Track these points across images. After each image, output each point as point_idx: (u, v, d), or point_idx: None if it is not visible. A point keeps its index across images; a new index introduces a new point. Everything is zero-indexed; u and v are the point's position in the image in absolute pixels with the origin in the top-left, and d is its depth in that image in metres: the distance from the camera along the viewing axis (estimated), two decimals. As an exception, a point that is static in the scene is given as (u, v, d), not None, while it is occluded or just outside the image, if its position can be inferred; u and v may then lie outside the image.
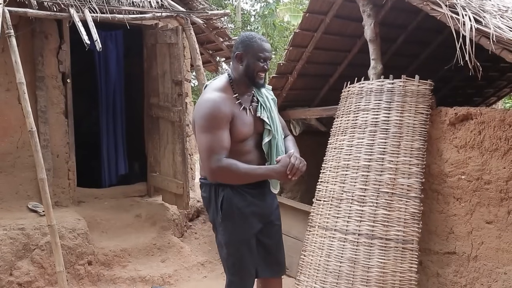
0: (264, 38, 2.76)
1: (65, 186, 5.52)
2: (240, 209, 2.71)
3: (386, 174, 4.05)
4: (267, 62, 2.69)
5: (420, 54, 5.93)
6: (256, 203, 2.79)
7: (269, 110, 2.79)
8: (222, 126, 2.49)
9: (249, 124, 2.67)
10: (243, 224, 2.73)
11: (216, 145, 2.45)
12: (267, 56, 2.66)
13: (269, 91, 2.95)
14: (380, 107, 4.24)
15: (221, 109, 2.51)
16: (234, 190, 2.68)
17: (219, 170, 2.46)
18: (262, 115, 2.74)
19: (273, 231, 2.95)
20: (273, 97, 2.93)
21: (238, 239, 2.75)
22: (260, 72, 2.68)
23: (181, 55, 5.49)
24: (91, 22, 4.77)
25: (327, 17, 4.83)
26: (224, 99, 2.58)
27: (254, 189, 2.76)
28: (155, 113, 5.98)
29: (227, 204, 2.68)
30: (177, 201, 5.73)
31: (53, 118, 5.45)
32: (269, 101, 2.85)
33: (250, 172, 2.53)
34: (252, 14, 15.50)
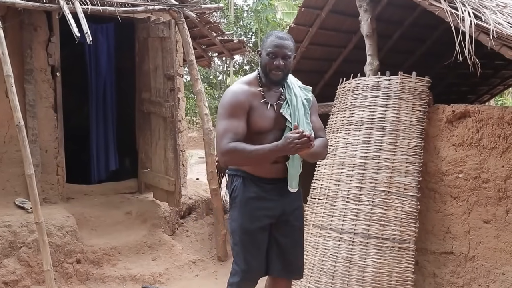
0: (282, 34, 2.68)
1: (54, 182, 5.39)
2: (247, 200, 2.72)
3: (383, 172, 3.99)
4: (279, 59, 2.60)
5: (415, 50, 5.88)
6: (267, 198, 2.73)
7: (294, 109, 2.72)
8: (237, 115, 2.54)
9: (268, 118, 2.65)
10: (248, 215, 2.73)
11: (229, 130, 2.51)
12: (276, 52, 2.59)
13: (305, 91, 2.87)
14: (377, 104, 4.18)
15: (238, 98, 2.58)
16: (247, 181, 2.71)
17: (227, 151, 2.50)
18: (284, 111, 2.70)
19: (290, 230, 2.85)
20: (307, 97, 2.84)
21: (242, 229, 2.75)
22: (272, 69, 2.62)
23: (173, 49, 5.38)
24: (81, 14, 4.64)
25: (323, 12, 4.75)
26: (244, 91, 2.64)
27: (268, 184, 2.72)
28: (147, 108, 5.86)
29: (237, 193, 2.74)
30: (168, 198, 5.63)
31: (42, 113, 5.31)
32: (298, 100, 2.76)
33: (256, 151, 2.49)
34: (245, 9, 15.39)
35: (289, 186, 2.76)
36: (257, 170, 2.71)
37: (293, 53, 2.69)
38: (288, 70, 2.69)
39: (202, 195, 6.53)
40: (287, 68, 2.66)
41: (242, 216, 2.75)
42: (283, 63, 2.62)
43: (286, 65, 2.64)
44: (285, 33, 2.79)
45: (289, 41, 2.67)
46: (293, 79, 2.87)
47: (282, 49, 2.61)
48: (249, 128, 2.61)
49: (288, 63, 2.65)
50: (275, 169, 2.71)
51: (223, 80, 17.03)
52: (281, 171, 2.73)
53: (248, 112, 2.61)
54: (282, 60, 2.61)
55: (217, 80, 16.98)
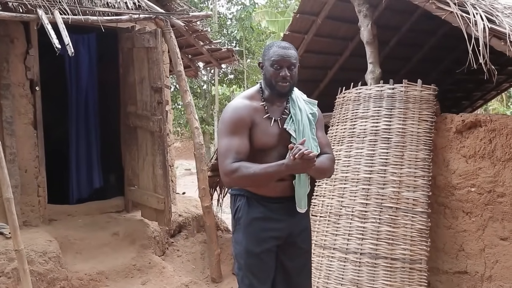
0: (284, 44, 2.52)
1: (35, 203, 5.04)
2: (252, 221, 2.55)
3: (389, 187, 3.75)
4: (285, 69, 2.43)
5: (412, 57, 5.68)
6: (274, 218, 2.56)
7: (299, 124, 2.55)
8: (239, 132, 2.42)
9: (271, 135, 2.50)
10: (253, 237, 2.56)
11: (231, 149, 2.39)
12: (281, 62, 2.43)
13: (311, 105, 2.68)
14: (380, 114, 3.95)
15: (239, 114, 2.46)
16: (252, 201, 2.55)
17: (230, 172, 2.37)
18: (288, 127, 2.53)
19: (296, 253, 2.66)
20: (313, 111, 2.65)
21: (247, 252, 2.57)
22: (279, 80, 2.45)
23: (160, 59, 5.09)
24: (62, 25, 4.34)
25: (319, 18, 4.53)
26: (246, 106, 2.50)
27: (274, 203, 2.56)
28: (133, 122, 5.55)
29: (240, 214, 2.58)
30: (158, 217, 5.31)
31: (21, 130, 4.97)
32: (303, 115, 2.57)
33: (260, 171, 2.35)
34: (228, 18, 15.16)
35: (298, 206, 2.57)
36: (261, 189, 2.53)
37: (297, 63, 2.52)
38: (295, 80, 2.51)
39: (193, 212, 6.23)
40: (293, 79, 2.49)
41: (246, 238, 2.56)
42: (289, 74, 2.46)
43: (292, 75, 2.48)
44: (287, 42, 2.61)
45: (292, 50, 2.51)
46: (297, 92, 2.68)
47: (287, 58, 2.44)
48: (252, 145, 2.46)
49: (294, 73, 2.49)
50: (281, 187, 2.54)
51: (207, 90, 16.74)
52: (288, 189, 2.55)
53: (250, 128, 2.47)
54: (288, 70, 2.45)
55: (201, 89, 16.69)
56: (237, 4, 14.04)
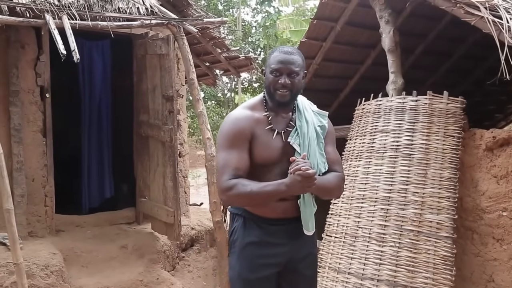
0: (288, 49, 2.29)
1: (41, 214, 4.88)
2: (247, 245, 2.33)
3: (410, 208, 3.45)
4: (284, 76, 2.21)
5: (439, 66, 5.34)
6: (271, 242, 2.32)
7: (304, 137, 2.30)
8: (237, 145, 2.22)
9: (274, 148, 2.28)
10: (248, 264, 2.33)
11: (228, 164, 2.20)
12: (280, 68, 2.22)
13: (320, 116, 2.44)
14: (402, 128, 3.65)
15: (239, 126, 2.26)
16: (249, 221, 2.33)
17: (226, 189, 2.17)
18: (292, 140, 2.29)
19: (299, 281, 2.40)
20: (322, 123, 2.40)
21: (241, 280, 2.36)
22: (278, 88, 2.23)
23: (172, 67, 4.89)
24: (69, 30, 4.17)
25: (338, 24, 4.26)
26: (247, 116, 2.30)
27: (274, 225, 2.31)
28: (145, 131, 5.36)
29: (236, 237, 2.37)
30: (167, 231, 5.09)
31: (29, 138, 4.82)
32: (310, 127, 2.33)
33: (258, 189, 2.14)
34: (253, 25, 14.97)
35: (305, 228, 2.31)
36: (260, 209, 2.30)
37: (302, 70, 2.28)
38: (297, 89, 2.27)
39: (206, 225, 6.00)
40: (295, 87, 2.25)
41: (240, 264, 2.35)
42: (290, 81, 2.22)
43: (293, 83, 2.24)
44: (293, 47, 2.38)
45: (296, 55, 2.27)
46: (305, 102, 2.44)
47: (288, 65, 2.22)
48: (252, 159, 2.25)
49: (296, 81, 2.25)
50: (282, 207, 2.29)
51: (231, 98, 16.57)
52: (291, 210, 2.30)
53: (250, 141, 2.25)
54: (288, 77, 2.22)
55: (225, 97, 16.53)
56: (261, 12, 13.85)
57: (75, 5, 4.44)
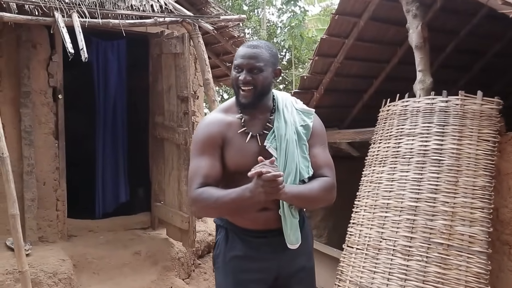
0: (255, 42, 2.07)
1: (53, 218, 4.75)
2: (230, 260, 2.12)
3: (440, 219, 3.13)
4: (245, 72, 1.99)
5: (472, 65, 4.98)
6: (255, 257, 2.10)
7: (281, 140, 2.04)
8: (207, 152, 2.03)
9: (248, 153, 2.03)
10: (232, 281, 2.13)
11: (197, 172, 2.01)
12: (241, 63, 2.00)
13: (304, 114, 2.17)
14: (431, 131, 3.34)
15: (208, 132, 2.07)
16: (231, 234, 2.13)
17: (193, 200, 1.99)
18: (268, 144, 2.04)
19: None
20: (305, 123, 2.13)
21: None
22: (240, 86, 2.01)
23: (187, 66, 4.69)
24: (78, 28, 4.03)
25: (361, 20, 3.97)
26: (218, 120, 2.10)
27: (257, 238, 2.09)
28: (160, 133, 5.19)
29: (218, 251, 2.17)
30: (182, 237, 4.90)
31: (40, 140, 4.70)
32: (288, 128, 2.07)
33: (223, 197, 1.92)
34: (278, 26, 14.72)
35: (287, 241, 2.06)
36: (240, 219, 2.10)
37: (269, 66, 2.02)
38: (263, 87, 2.02)
39: (224, 231, 5.77)
40: (259, 85, 2.00)
41: (225, 281, 2.14)
42: (250, 78, 1.99)
43: (256, 80, 1.99)
44: (264, 41, 2.14)
45: (261, 49, 2.03)
46: (287, 100, 2.18)
47: (249, 59, 1.99)
48: (226, 166, 2.05)
49: (259, 77, 2.00)
50: (264, 218, 2.06)
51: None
52: (273, 221, 2.06)
53: (222, 146, 2.05)
54: (248, 73, 1.99)
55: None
56: (287, 11, 13.59)
57: (85, 2, 4.31)
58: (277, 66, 2.08)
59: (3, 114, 4.42)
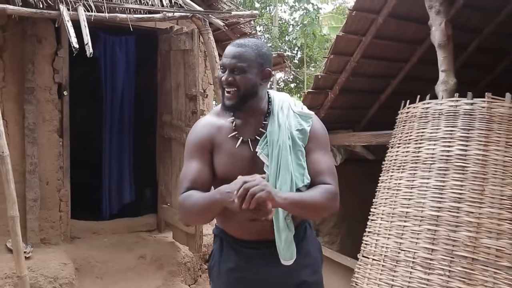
0: (241, 41, 1.92)
1: (55, 219, 4.60)
2: (225, 273, 1.99)
3: (464, 231, 2.92)
4: (227, 72, 1.85)
5: (495, 65, 4.74)
6: (248, 268, 1.95)
7: (273, 145, 1.89)
8: (196, 156, 1.94)
9: (238, 160, 1.91)
10: None
11: (185, 177, 1.94)
12: (223, 63, 1.87)
13: (302, 118, 1.98)
14: (454, 136, 3.12)
15: (197, 135, 1.98)
16: (226, 244, 2.02)
17: (179, 205, 1.91)
18: (260, 150, 1.90)
19: None
20: (302, 127, 1.94)
21: None
22: (224, 86, 1.87)
23: (196, 64, 4.52)
24: (84, 22, 3.87)
25: (380, 17, 3.75)
26: (208, 124, 2.00)
27: (250, 249, 1.95)
28: (167, 133, 5.02)
29: (213, 262, 2.07)
30: (188, 241, 4.73)
31: (44, 138, 4.56)
32: (282, 133, 1.90)
33: (201, 200, 1.81)
34: (290, 24, 14.50)
35: (280, 256, 1.89)
36: (233, 229, 1.97)
37: (253, 67, 1.86)
38: (245, 89, 1.85)
39: (232, 234, 5.58)
40: (242, 87, 1.85)
41: None
42: (232, 78, 1.84)
43: (238, 81, 1.84)
44: (253, 39, 1.97)
45: (246, 48, 1.86)
46: (285, 102, 2.00)
47: (231, 59, 1.84)
48: (215, 172, 1.93)
49: (242, 79, 1.84)
50: (258, 227, 1.88)
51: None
52: (268, 231, 1.90)
53: (212, 151, 1.94)
54: (230, 74, 1.84)
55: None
56: (300, 9, 13.37)
57: (92, -5, 4.12)
58: (266, 67, 1.89)
59: (6, 111, 4.29)
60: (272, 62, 1.98)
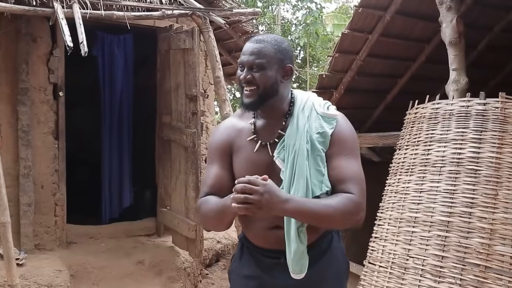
0: (260, 37, 1.79)
1: (50, 224, 4.46)
2: (241, 278, 1.91)
3: (476, 237, 2.78)
4: (245, 70, 1.72)
5: (505, 64, 4.59)
6: (266, 278, 1.83)
7: (289, 149, 1.75)
8: (216, 160, 1.87)
9: (257, 164, 1.78)
10: None
11: (205, 181, 1.87)
12: (241, 60, 1.75)
13: (324, 119, 1.81)
14: (465, 138, 2.98)
15: (216, 138, 1.91)
16: (246, 250, 1.92)
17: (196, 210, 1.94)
18: (276, 155, 1.77)
19: None
20: (323, 130, 1.77)
21: None
22: (243, 85, 1.75)
23: (197, 63, 4.38)
24: (79, 20, 3.72)
25: (387, 13, 3.61)
26: (229, 126, 1.91)
27: (269, 258, 1.82)
28: (166, 135, 4.88)
29: (233, 265, 1.99)
30: (188, 246, 4.58)
31: (39, 140, 4.42)
32: (299, 136, 1.75)
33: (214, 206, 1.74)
34: (293, 23, 14.37)
35: (290, 269, 1.74)
36: (252, 235, 1.87)
37: (274, 63, 1.73)
38: (265, 87, 1.73)
39: (234, 238, 5.46)
40: (262, 85, 1.72)
41: None
42: (251, 76, 1.72)
43: (258, 79, 1.71)
44: (273, 35, 1.82)
45: (265, 44, 1.73)
46: (308, 102, 1.84)
47: (249, 56, 1.72)
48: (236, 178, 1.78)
49: (261, 76, 1.72)
50: (275, 236, 1.77)
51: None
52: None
53: (232, 155, 1.85)
54: (249, 72, 1.72)
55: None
56: (303, 8, 13.23)
57: (88, -8, 3.98)
58: (286, 63, 1.76)
59: (-1, 112, 4.16)
60: (293, 58, 1.87)
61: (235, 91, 13.77)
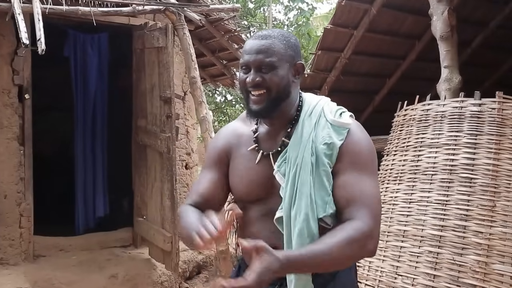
0: (265, 32, 1.54)
1: (15, 237, 4.14)
2: None
3: (471, 254, 2.54)
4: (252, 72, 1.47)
5: (501, 62, 4.33)
6: None
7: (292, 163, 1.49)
8: (210, 166, 1.70)
9: (255, 177, 1.57)
10: None
11: (193, 188, 1.71)
12: (246, 61, 1.49)
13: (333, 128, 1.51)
14: (459, 142, 2.73)
15: (214, 144, 1.76)
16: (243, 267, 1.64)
17: None
18: (276, 169, 1.53)
19: None
20: (330, 141, 1.48)
21: None
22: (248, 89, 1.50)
23: (171, 62, 4.09)
24: (38, 15, 3.43)
25: (373, 7, 3.35)
26: (230, 131, 1.72)
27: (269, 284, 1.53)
28: (142, 139, 4.59)
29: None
30: (164, 259, 4.28)
31: (1, 146, 4.11)
32: (303, 148, 1.50)
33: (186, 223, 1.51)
34: (285, 24, 14.13)
35: None
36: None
37: (284, 60, 1.49)
38: (278, 90, 1.49)
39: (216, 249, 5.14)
40: (274, 87, 1.48)
41: None
42: (261, 78, 1.47)
43: (269, 80, 1.47)
44: (278, 30, 1.58)
45: (272, 40, 1.49)
46: (317, 107, 1.56)
47: (257, 55, 1.47)
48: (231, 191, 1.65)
49: (273, 77, 1.47)
50: None
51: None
52: None
53: (229, 163, 1.65)
54: (257, 73, 1.48)
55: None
56: (294, 8, 12.98)
57: (51, -14, 3.68)
58: (297, 59, 1.52)
59: (-43, 117, 3.85)
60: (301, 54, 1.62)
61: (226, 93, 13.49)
